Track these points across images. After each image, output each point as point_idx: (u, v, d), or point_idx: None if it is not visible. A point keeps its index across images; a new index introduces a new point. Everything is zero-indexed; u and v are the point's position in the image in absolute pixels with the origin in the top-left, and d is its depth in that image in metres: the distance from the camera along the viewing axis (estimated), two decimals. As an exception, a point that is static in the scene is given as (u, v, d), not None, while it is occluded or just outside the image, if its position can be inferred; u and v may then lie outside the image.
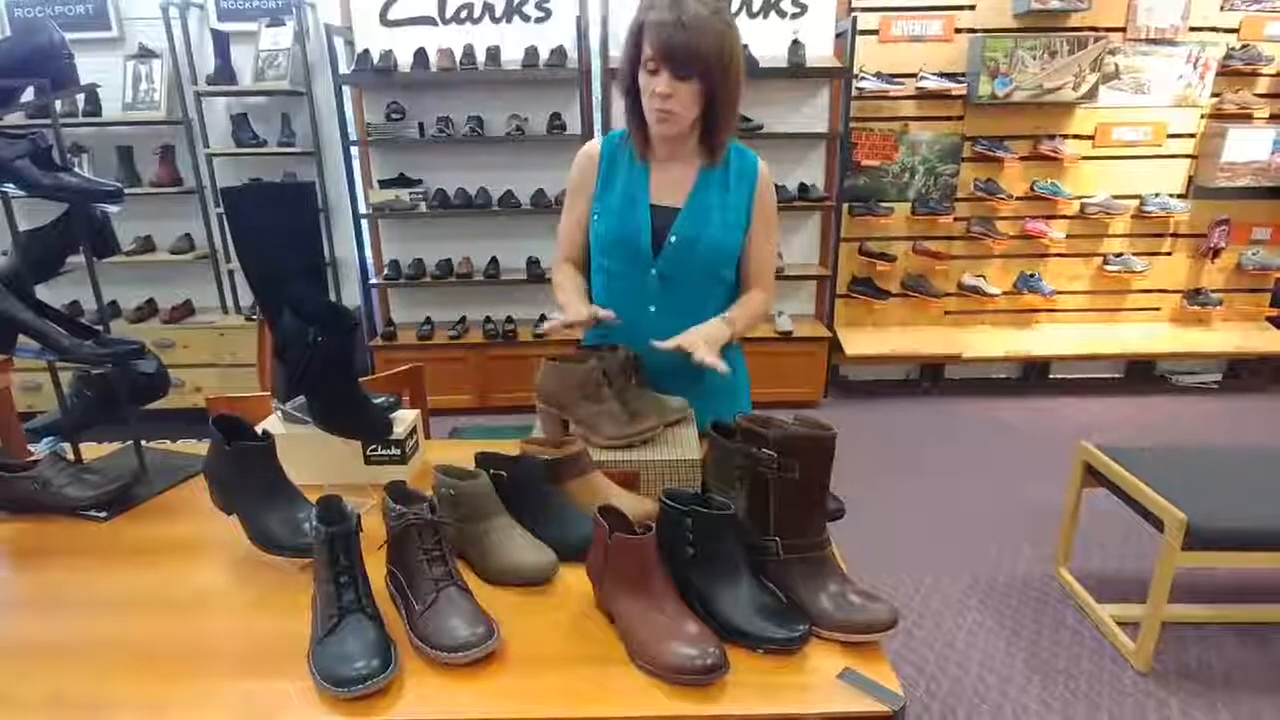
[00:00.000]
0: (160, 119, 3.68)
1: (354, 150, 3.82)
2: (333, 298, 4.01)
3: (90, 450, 1.51)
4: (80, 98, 3.64)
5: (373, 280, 4.05)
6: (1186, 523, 1.94)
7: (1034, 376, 4.40)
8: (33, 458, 1.34)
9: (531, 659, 0.92)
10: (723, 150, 1.44)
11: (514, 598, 1.03)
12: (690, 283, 1.46)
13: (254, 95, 3.75)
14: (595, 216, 1.50)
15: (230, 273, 4.03)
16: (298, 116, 3.78)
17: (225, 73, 3.64)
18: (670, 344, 1.33)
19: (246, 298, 4.08)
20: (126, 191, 3.77)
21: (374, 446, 1.30)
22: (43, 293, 1.31)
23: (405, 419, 1.37)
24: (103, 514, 1.27)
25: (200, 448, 1.59)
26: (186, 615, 1.02)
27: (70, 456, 1.36)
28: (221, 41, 3.61)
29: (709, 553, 0.93)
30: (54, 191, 1.19)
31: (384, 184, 3.89)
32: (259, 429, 1.30)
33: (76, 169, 1.23)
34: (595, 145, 1.52)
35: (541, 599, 1.03)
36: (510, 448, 1.24)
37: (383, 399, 1.36)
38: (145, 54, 3.66)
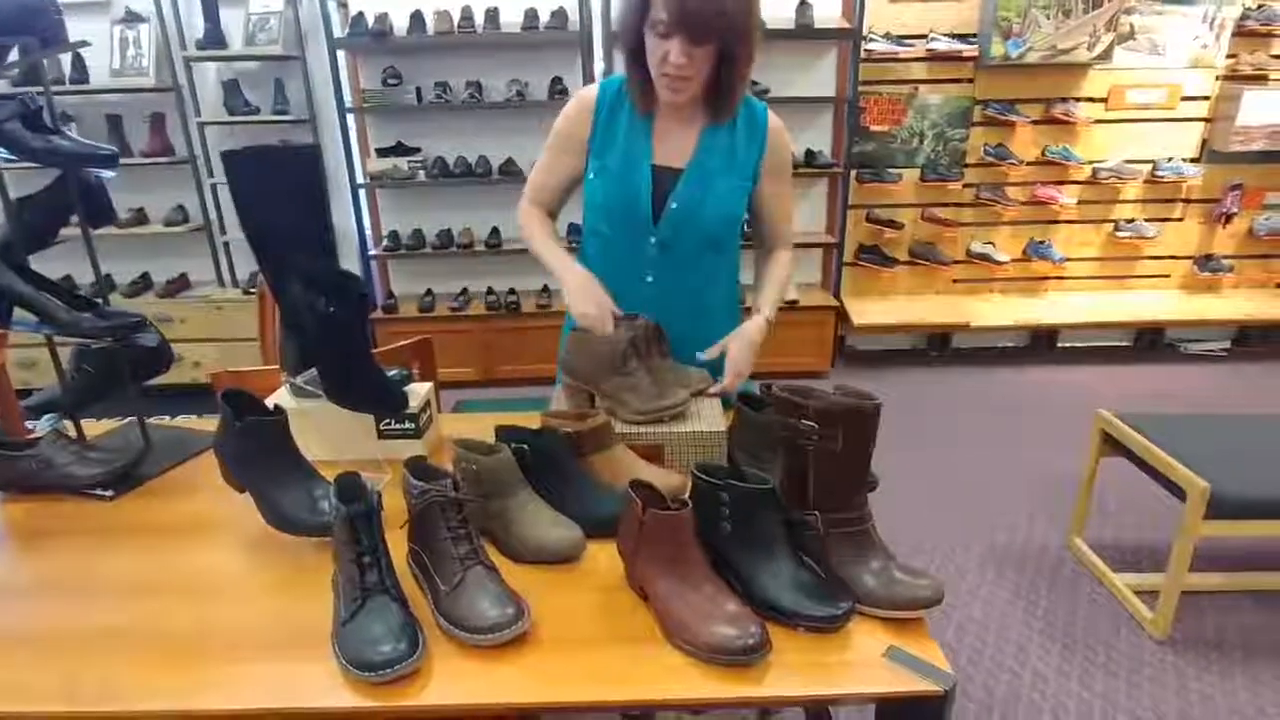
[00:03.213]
0: (150, 86, 3.57)
1: (350, 117, 3.72)
2: (332, 270, 3.94)
3: (91, 427, 1.46)
4: (67, 64, 3.53)
5: (371, 251, 3.97)
6: (1209, 491, 1.91)
7: (1042, 345, 4.36)
8: (33, 435, 1.30)
9: (562, 639, 0.88)
10: (733, 110, 1.34)
11: (541, 575, 0.99)
12: (690, 252, 1.39)
13: (245, 60, 3.64)
14: (592, 175, 1.40)
15: (226, 245, 3.95)
16: (291, 83, 3.67)
17: (215, 37, 3.52)
18: (714, 351, 1.36)
19: (243, 270, 4.01)
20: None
21: (387, 420, 1.26)
22: (36, 265, 1.26)
23: (419, 392, 1.33)
24: (109, 493, 1.23)
25: (201, 423, 1.54)
26: (201, 597, 0.98)
27: (71, 434, 1.31)
28: (210, 4, 3.49)
29: (746, 528, 0.90)
30: (46, 156, 1.13)
31: (381, 152, 3.79)
32: (269, 403, 1.26)
33: (68, 132, 1.17)
34: (591, 92, 1.40)
35: (569, 576, 1.00)
36: (522, 420, 1.20)
37: (395, 372, 1.31)
38: (132, 18, 3.54)
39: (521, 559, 1.01)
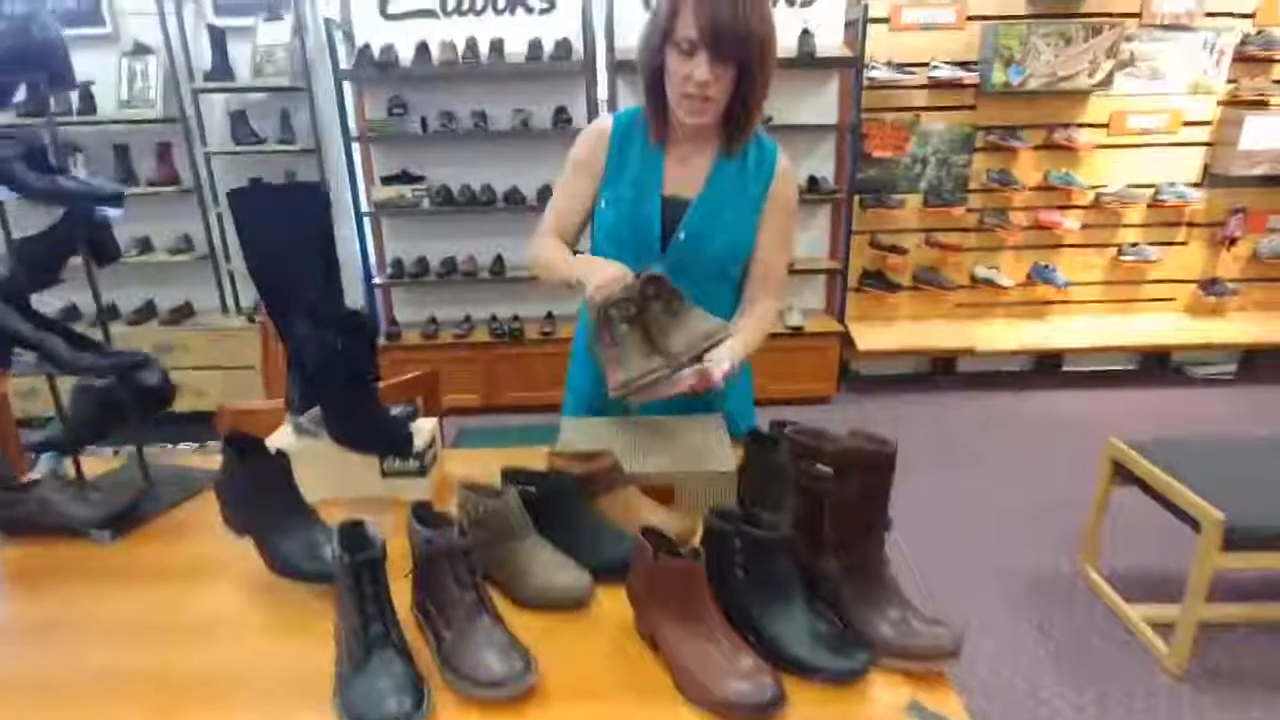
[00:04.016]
0: (157, 117, 3.60)
1: (355, 146, 3.74)
2: (335, 297, 3.94)
3: (91, 464, 1.45)
4: (75, 96, 3.55)
5: (375, 279, 3.98)
6: (1224, 523, 1.88)
7: (1047, 369, 4.34)
8: (32, 477, 1.28)
9: (570, 690, 0.85)
10: (746, 140, 1.34)
11: (548, 622, 0.96)
12: (696, 281, 1.34)
13: (252, 92, 3.67)
14: (604, 204, 1.39)
15: (230, 273, 3.96)
16: (297, 113, 3.70)
17: (222, 69, 3.55)
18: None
19: (247, 299, 4.01)
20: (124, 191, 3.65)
21: (391, 459, 1.24)
22: (40, 294, 1.25)
23: (425, 430, 1.31)
24: (107, 534, 1.21)
25: (203, 455, 1.53)
26: (200, 643, 0.96)
27: (70, 473, 1.29)
28: (218, 37, 3.52)
29: (761, 576, 0.87)
30: (50, 196, 1.12)
31: (386, 180, 3.81)
32: (269, 442, 1.24)
33: (74, 170, 1.16)
34: (607, 123, 1.40)
35: (577, 623, 0.97)
36: (528, 458, 1.18)
37: (400, 409, 1.30)
38: (140, 50, 3.57)
39: (529, 604, 0.99)
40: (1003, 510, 2.92)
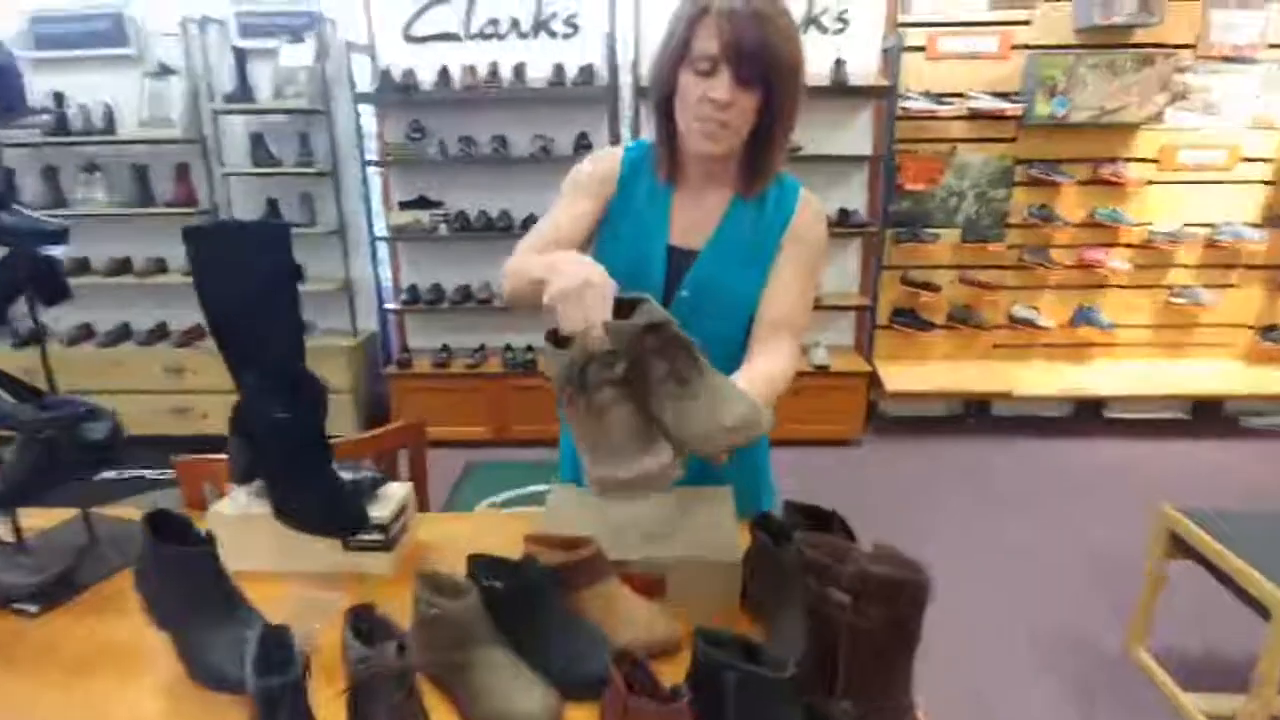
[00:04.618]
0: (177, 138, 3.58)
1: (373, 171, 3.68)
2: (347, 325, 3.87)
3: (40, 516, 1.33)
4: (98, 115, 3.54)
5: (389, 305, 3.89)
6: (1301, 614, 1.66)
7: (1089, 416, 4.10)
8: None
9: None
10: (767, 181, 1.16)
11: (506, 754, 0.81)
12: (704, 339, 1.16)
13: (272, 114, 3.63)
14: (599, 249, 1.22)
15: (245, 295, 3.89)
16: (316, 136, 3.65)
17: (243, 91, 3.52)
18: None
19: (261, 321, 3.94)
20: (141, 211, 3.61)
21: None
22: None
23: (393, 497, 1.17)
24: (34, 607, 1.08)
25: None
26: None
27: (6, 531, 1.18)
28: (240, 59, 3.49)
29: (757, 723, 0.71)
30: (-13, 232, 1.02)
31: (404, 205, 3.74)
32: (214, 510, 1.12)
33: (17, 205, 1.06)
34: (617, 155, 1.23)
35: (541, 756, 0.82)
36: (513, 526, 1.03)
37: (366, 474, 1.16)
38: (164, 71, 3.55)
39: (484, 728, 0.84)
40: (1041, 571, 2.70)
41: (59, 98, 3.48)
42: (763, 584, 1.01)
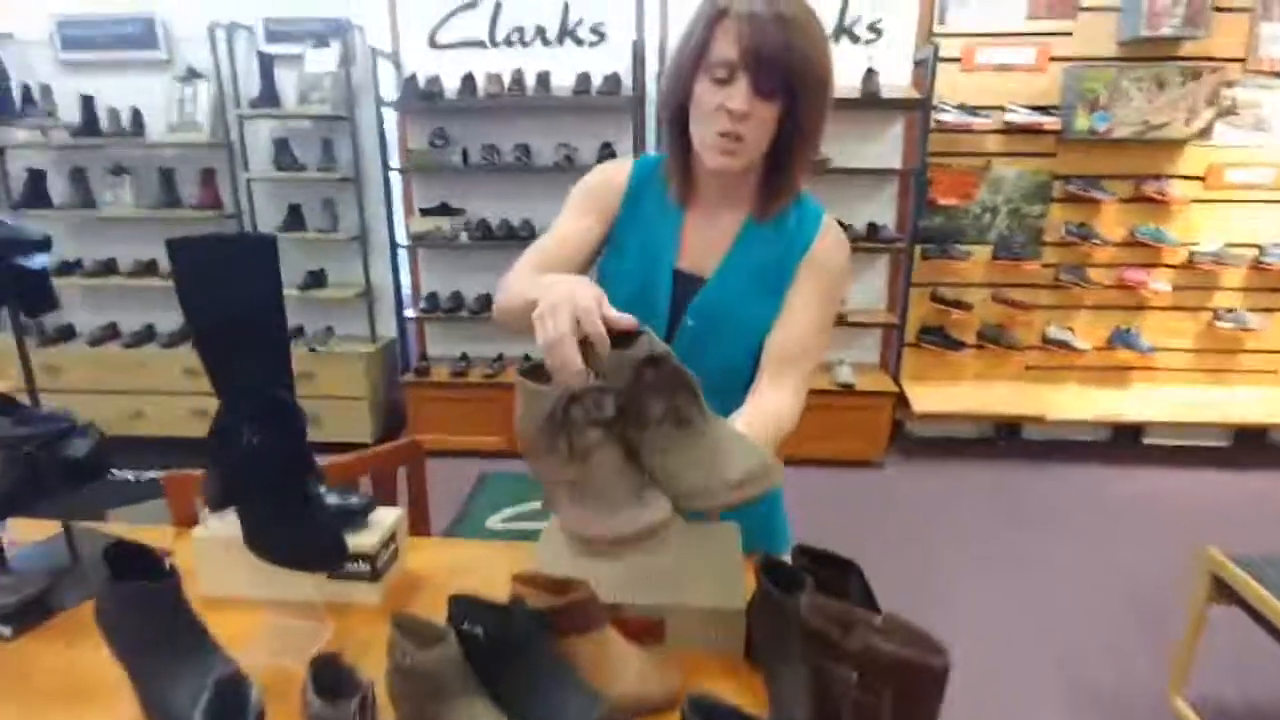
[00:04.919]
0: (203, 142, 3.59)
1: (395, 177, 3.66)
2: (366, 331, 3.85)
3: (27, 528, 1.29)
4: (126, 118, 3.57)
5: (409, 312, 3.87)
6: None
7: (1126, 442, 3.93)
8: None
9: None
10: (785, 202, 1.08)
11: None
12: (705, 374, 0.91)
13: (296, 119, 3.63)
14: (600, 271, 1.14)
15: (266, 299, 3.90)
16: (340, 141, 3.64)
17: (269, 96, 3.53)
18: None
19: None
20: (168, 214, 3.62)
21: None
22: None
23: (381, 524, 1.11)
24: (8, 630, 1.04)
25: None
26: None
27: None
28: (267, 64, 3.50)
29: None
30: (-33, 240, 0.98)
31: (425, 212, 3.72)
32: (194, 533, 1.07)
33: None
34: (625, 168, 1.15)
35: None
36: (512, 556, 0.97)
37: (355, 499, 1.11)
38: (192, 75, 3.58)
39: (460, 789, 0.77)
40: (1072, 607, 2.57)
41: (88, 100, 3.51)
42: (767, 635, 0.93)
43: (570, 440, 0.74)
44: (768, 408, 1.00)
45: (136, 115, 3.57)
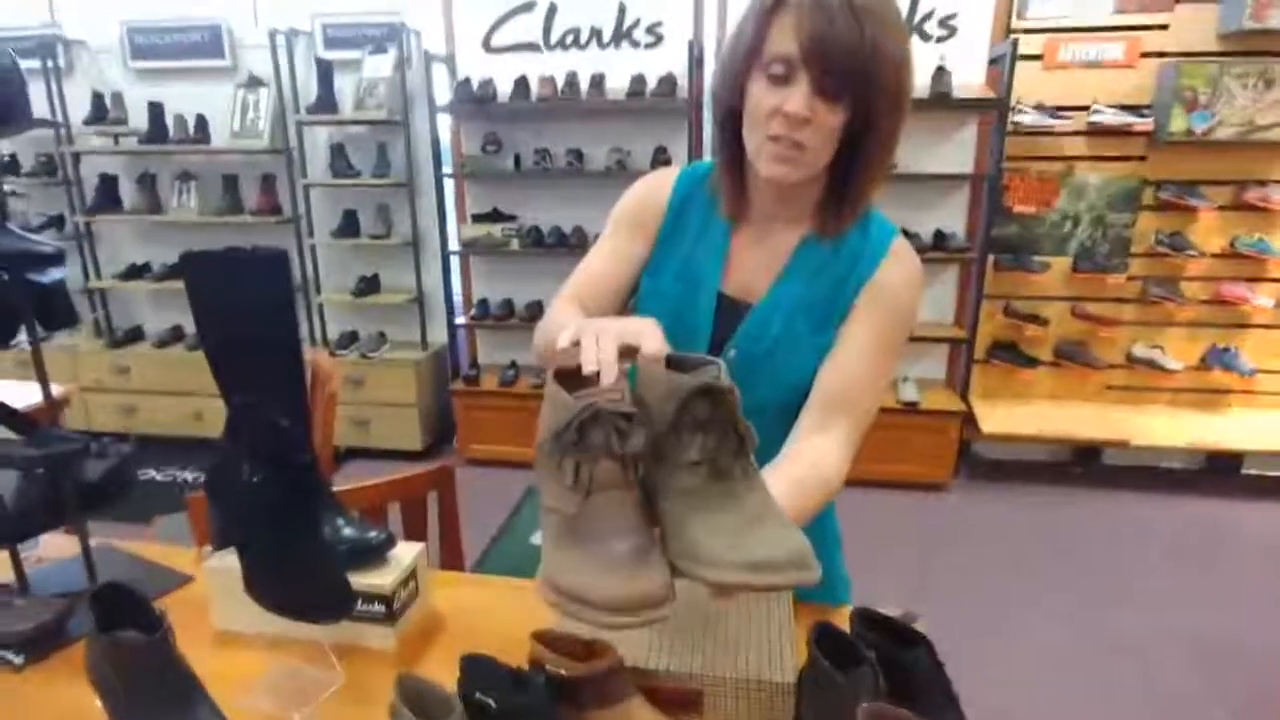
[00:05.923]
0: (264, 148, 3.64)
1: (448, 182, 3.64)
2: (417, 337, 3.83)
3: (60, 545, 1.27)
4: (192, 124, 3.65)
5: (459, 319, 3.85)
6: None
7: (1222, 471, 3.62)
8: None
9: None
10: (851, 219, 0.94)
11: None
12: (750, 411, 0.75)
13: (352, 125, 3.65)
14: (643, 286, 1.03)
15: (320, 305, 3.93)
16: (394, 147, 3.64)
17: (326, 102, 3.55)
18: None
19: (333, 330, 3.98)
20: (231, 220, 3.67)
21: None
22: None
23: (400, 562, 1.03)
24: (19, 658, 1.00)
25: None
26: None
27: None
28: (325, 70, 3.53)
29: None
30: (-21, 255, 0.94)
31: (477, 219, 3.69)
32: (207, 563, 1.00)
33: (10, 225, 0.98)
34: (667, 184, 1.03)
35: None
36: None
37: (373, 533, 1.03)
38: (254, 83, 3.63)
39: None
40: (1158, 651, 2.34)
41: (156, 107, 3.60)
42: (819, 713, 0.81)
43: (578, 466, 0.61)
44: (815, 464, 0.87)
45: (202, 122, 3.65)
